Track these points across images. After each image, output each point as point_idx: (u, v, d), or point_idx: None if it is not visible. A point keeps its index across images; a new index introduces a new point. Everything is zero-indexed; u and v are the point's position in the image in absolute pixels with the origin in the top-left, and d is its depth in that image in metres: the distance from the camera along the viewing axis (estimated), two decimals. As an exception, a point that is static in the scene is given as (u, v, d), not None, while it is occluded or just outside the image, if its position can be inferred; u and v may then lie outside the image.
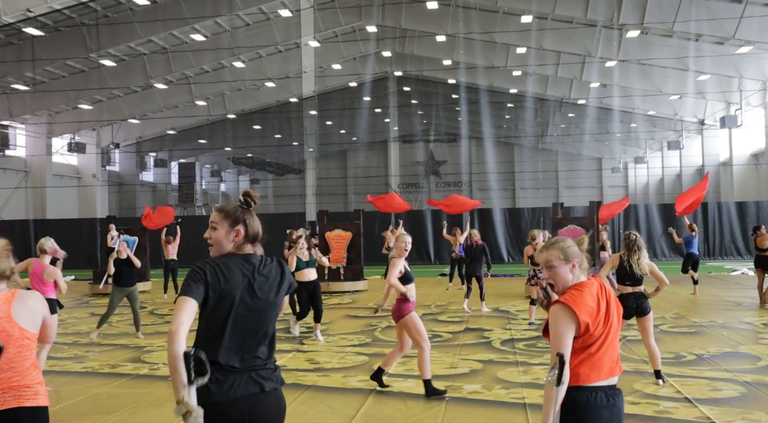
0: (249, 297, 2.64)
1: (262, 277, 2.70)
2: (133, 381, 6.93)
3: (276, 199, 53.94)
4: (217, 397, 2.50)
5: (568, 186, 48.92)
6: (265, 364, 2.66)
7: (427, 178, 50.95)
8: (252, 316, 2.65)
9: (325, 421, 5.33)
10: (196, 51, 33.44)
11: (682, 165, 43.06)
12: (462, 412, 5.52)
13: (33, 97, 35.36)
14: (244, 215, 2.77)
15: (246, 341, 2.62)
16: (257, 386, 2.59)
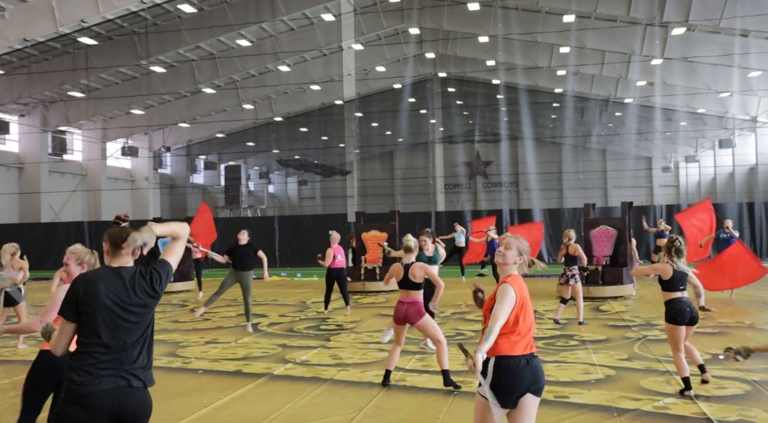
0: (113, 305, 3.03)
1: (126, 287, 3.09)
2: (165, 373, 7.36)
3: (323, 200, 54.59)
4: (87, 389, 2.93)
5: (616, 186, 48.22)
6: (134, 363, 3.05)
7: (473, 179, 50.92)
8: (120, 321, 3.03)
9: (335, 411, 5.63)
10: (243, 56, 34.23)
11: (735, 164, 42.07)
12: (466, 405, 5.76)
13: (88, 104, 36.68)
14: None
15: (115, 342, 3.01)
16: (125, 382, 3.00)
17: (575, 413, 5.43)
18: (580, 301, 10.18)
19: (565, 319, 10.21)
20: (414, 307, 6.45)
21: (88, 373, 2.94)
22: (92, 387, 2.93)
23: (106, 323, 2.99)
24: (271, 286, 18.09)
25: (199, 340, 9.34)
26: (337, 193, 52.02)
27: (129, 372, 3.01)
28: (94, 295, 3.00)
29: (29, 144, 37.70)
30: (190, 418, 5.53)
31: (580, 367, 7.11)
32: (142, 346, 3.10)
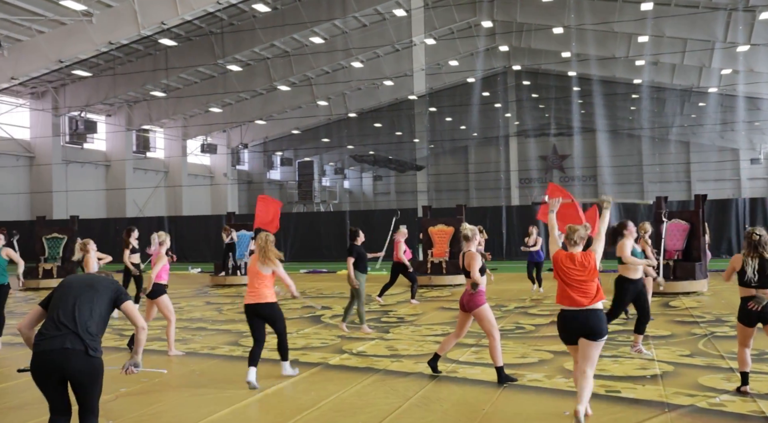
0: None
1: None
2: (224, 360, 7.62)
3: (398, 195, 54.76)
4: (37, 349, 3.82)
5: (700, 179, 46.37)
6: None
7: (549, 172, 50.06)
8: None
9: (383, 400, 5.71)
10: (316, 53, 34.71)
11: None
12: (514, 397, 5.74)
13: (169, 103, 38.01)
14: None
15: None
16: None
17: (623, 408, 5.34)
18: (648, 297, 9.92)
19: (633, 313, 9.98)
20: (472, 296, 6.40)
21: None
22: None
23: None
24: (339, 280, 18.35)
25: (263, 330, 9.59)
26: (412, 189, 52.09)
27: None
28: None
29: (115, 142, 39.39)
30: (242, 404, 5.72)
31: (638, 362, 6.95)
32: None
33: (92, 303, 3.88)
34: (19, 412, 5.63)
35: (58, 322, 3.79)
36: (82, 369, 3.73)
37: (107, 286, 4.01)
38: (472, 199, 48.38)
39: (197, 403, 5.77)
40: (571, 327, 4.93)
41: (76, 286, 3.97)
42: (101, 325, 3.91)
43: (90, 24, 25.71)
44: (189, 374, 6.99)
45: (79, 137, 36.44)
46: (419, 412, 5.35)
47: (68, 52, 27.23)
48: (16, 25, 26.61)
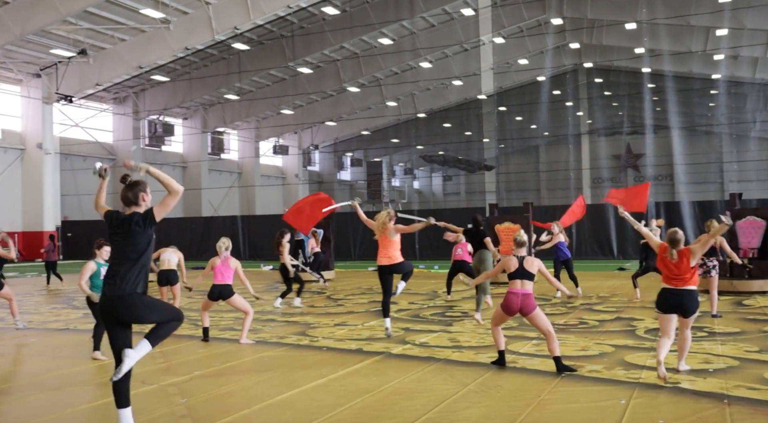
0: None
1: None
2: (292, 349, 7.94)
3: (468, 195, 54.65)
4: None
5: (784, 177, 44.43)
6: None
7: (624, 171, 49.00)
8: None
9: (441, 386, 5.88)
10: (384, 54, 35.06)
11: None
12: (570, 386, 5.81)
13: (242, 106, 39.10)
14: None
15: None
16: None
17: (681, 398, 5.34)
18: (714, 294, 9.76)
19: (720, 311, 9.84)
20: (529, 299, 6.56)
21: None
22: None
23: None
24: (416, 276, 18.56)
25: (329, 323, 9.90)
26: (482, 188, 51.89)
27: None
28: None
29: (191, 145, 40.78)
30: (308, 387, 5.99)
31: (701, 356, 6.89)
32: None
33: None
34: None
35: None
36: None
37: None
38: (542, 198, 47.82)
39: (265, 385, 6.08)
40: (670, 302, 6.07)
41: None
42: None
43: (168, 31, 26.80)
44: (258, 360, 7.32)
45: (157, 140, 37.96)
46: (476, 398, 5.50)
47: (148, 59, 28.44)
48: (100, 34, 27.98)
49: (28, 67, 29.87)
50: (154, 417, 5.17)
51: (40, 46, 28.05)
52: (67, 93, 28.97)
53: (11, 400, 5.93)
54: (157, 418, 5.15)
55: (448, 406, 5.27)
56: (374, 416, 5.02)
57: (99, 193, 5.04)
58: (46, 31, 26.24)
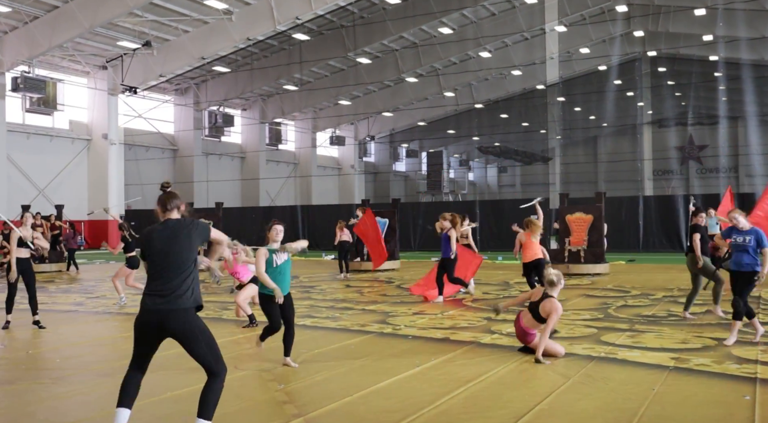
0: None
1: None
2: (378, 337, 7.80)
3: (523, 187, 53.84)
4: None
5: None
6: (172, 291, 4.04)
7: (686, 164, 47.61)
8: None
9: (544, 377, 5.66)
10: (444, 43, 34.65)
11: None
12: (683, 379, 5.52)
13: (300, 96, 39.20)
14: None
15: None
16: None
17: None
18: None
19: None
20: (527, 337, 6.57)
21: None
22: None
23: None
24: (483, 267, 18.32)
25: (407, 311, 9.75)
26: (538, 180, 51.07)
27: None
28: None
29: (250, 135, 41.14)
30: (405, 375, 5.83)
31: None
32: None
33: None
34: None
35: None
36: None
37: None
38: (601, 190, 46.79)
39: (360, 373, 5.95)
40: None
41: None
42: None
43: (230, 22, 26.98)
44: (345, 348, 7.21)
45: (217, 130, 38.38)
46: (585, 389, 5.25)
47: (210, 50, 28.70)
48: (164, 25, 28.34)
49: (95, 60, 30.47)
50: (256, 402, 5.08)
51: (107, 39, 28.56)
52: (132, 84, 29.46)
53: (110, 382, 5.93)
54: (259, 403, 5.06)
55: (558, 397, 5.05)
56: (484, 406, 4.83)
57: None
58: (113, 23, 26.69)
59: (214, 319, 9.35)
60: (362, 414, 4.76)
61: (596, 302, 10.43)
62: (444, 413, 4.70)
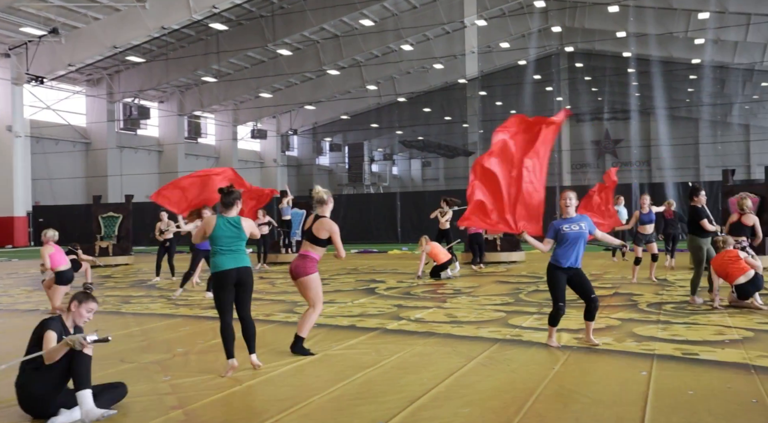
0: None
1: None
2: (281, 326, 7.51)
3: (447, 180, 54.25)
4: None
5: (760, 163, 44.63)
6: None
7: (602, 157, 48.94)
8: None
9: (446, 360, 5.49)
10: (366, 36, 34.45)
11: None
12: (584, 358, 5.46)
13: (219, 88, 38.28)
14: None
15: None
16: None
17: (705, 369, 5.00)
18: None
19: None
20: (301, 261, 5.97)
21: None
22: None
23: None
24: (392, 258, 18.24)
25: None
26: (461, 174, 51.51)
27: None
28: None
29: (167, 129, 39.91)
30: (301, 363, 5.58)
31: (712, 328, 6.58)
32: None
33: None
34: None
35: None
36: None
37: None
38: (523, 183, 47.56)
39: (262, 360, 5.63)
40: None
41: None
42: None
43: (144, 9, 26.00)
44: (246, 337, 6.87)
45: (132, 123, 37.05)
46: (486, 371, 5.11)
47: (122, 38, 27.59)
48: (72, 12, 27.07)
49: (-3, 47, 28.89)
50: (136, 395, 4.71)
51: (9, 24, 27.05)
52: (38, 74, 28.02)
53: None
54: (139, 396, 4.69)
55: (457, 379, 4.88)
56: (379, 391, 4.61)
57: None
58: (14, 7, 25.29)
59: (112, 312, 8.87)
60: (247, 403, 4.48)
61: (509, 288, 10.42)
62: (335, 399, 4.46)
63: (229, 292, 5.35)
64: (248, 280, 5.43)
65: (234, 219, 5.43)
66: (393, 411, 4.13)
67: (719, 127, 44.14)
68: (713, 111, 43.16)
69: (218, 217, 5.43)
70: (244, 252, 5.44)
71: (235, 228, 5.40)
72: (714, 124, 44.30)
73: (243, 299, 5.41)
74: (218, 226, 5.39)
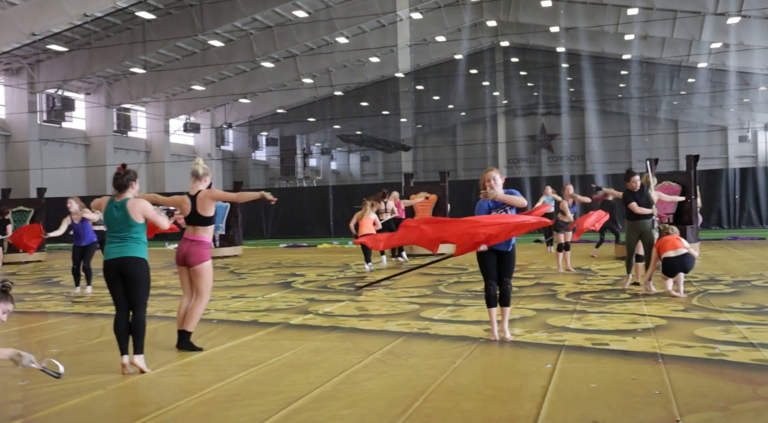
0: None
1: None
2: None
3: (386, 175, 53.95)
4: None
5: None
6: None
7: (538, 152, 49.41)
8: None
9: (342, 356, 5.08)
10: (300, 27, 33.78)
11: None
12: (490, 351, 5.13)
13: (149, 80, 37.03)
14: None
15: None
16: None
17: (612, 360, 4.73)
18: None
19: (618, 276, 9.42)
20: (195, 248, 5.46)
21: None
22: None
23: None
24: (320, 252, 17.78)
25: (226, 296, 8.95)
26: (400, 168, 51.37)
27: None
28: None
29: (95, 121, 38.44)
30: (182, 363, 5.10)
31: (627, 317, 6.36)
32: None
33: None
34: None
35: None
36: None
37: None
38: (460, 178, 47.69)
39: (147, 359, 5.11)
40: None
41: None
42: None
43: (64, -5, 24.80)
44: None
45: (56, 115, 35.47)
46: (381, 367, 4.72)
47: (41, 25, 26.25)
48: (-16, -5, 25.65)
49: None
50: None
51: None
52: (-51, 61, 26.49)
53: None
54: (-14, 402, 4.13)
55: (348, 377, 4.47)
56: (257, 392, 4.16)
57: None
58: None
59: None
60: (104, 410, 3.98)
61: (430, 280, 10.09)
62: (205, 403, 3.99)
63: (117, 284, 4.82)
64: (134, 272, 4.83)
65: (119, 202, 4.86)
66: (265, 415, 3.69)
67: (649, 122, 45.09)
68: (642, 106, 44.05)
69: (108, 201, 4.89)
70: (137, 241, 4.86)
71: (120, 212, 4.83)
72: (643, 119, 45.22)
73: (130, 293, 4.85)
74: (107, 210, 4.87)
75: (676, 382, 4.08)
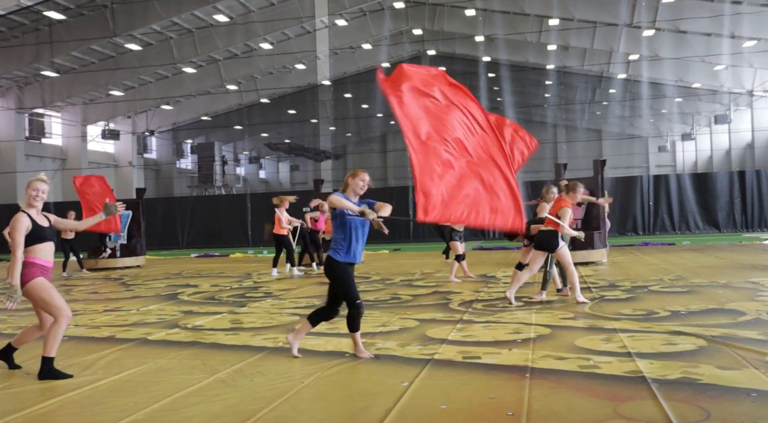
0: None
1: None
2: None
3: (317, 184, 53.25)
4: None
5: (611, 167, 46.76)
6: None
7: (467, 162, 49.61)
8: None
9: (184, 376, 4.50)
10: (222, 32, 32.96)
11: (732, 140, 40.72)
12: (349, 368, 4.63)
13: (63, 85, 35.49)
14: None
15: None
16: None
17: (475, 376, 4.29)
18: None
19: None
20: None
21: None
22: None
23: None
24: (228, 262, 17.08)
25: (98, 309, 8.23)
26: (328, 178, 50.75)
27: None
28: None
29: (4, 127, 36.61)
30: None
31: (511, 326, 5.97)
32: None
33: None
34: None
35: None
36: None
37: None
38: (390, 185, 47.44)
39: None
40: None
41: None
42: None
43: (-38, -9, 23.42)
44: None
45: (-40, 120, 33.60)
46: (219, 389, 4.16)
47: (-61, 24, 24.75)
48: None
49: None
50: None
51: None
52: None
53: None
54: None
55: (174, 402, 3.90)
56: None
57: None
58: None
59: None
60: None
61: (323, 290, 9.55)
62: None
63: None
64: None
65: None
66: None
67: (572, 131, 45.85)
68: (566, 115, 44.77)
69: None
70: None
71: None
72: (567, 128, 45.96)
73: None
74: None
75: (535, 400, 3.67)
